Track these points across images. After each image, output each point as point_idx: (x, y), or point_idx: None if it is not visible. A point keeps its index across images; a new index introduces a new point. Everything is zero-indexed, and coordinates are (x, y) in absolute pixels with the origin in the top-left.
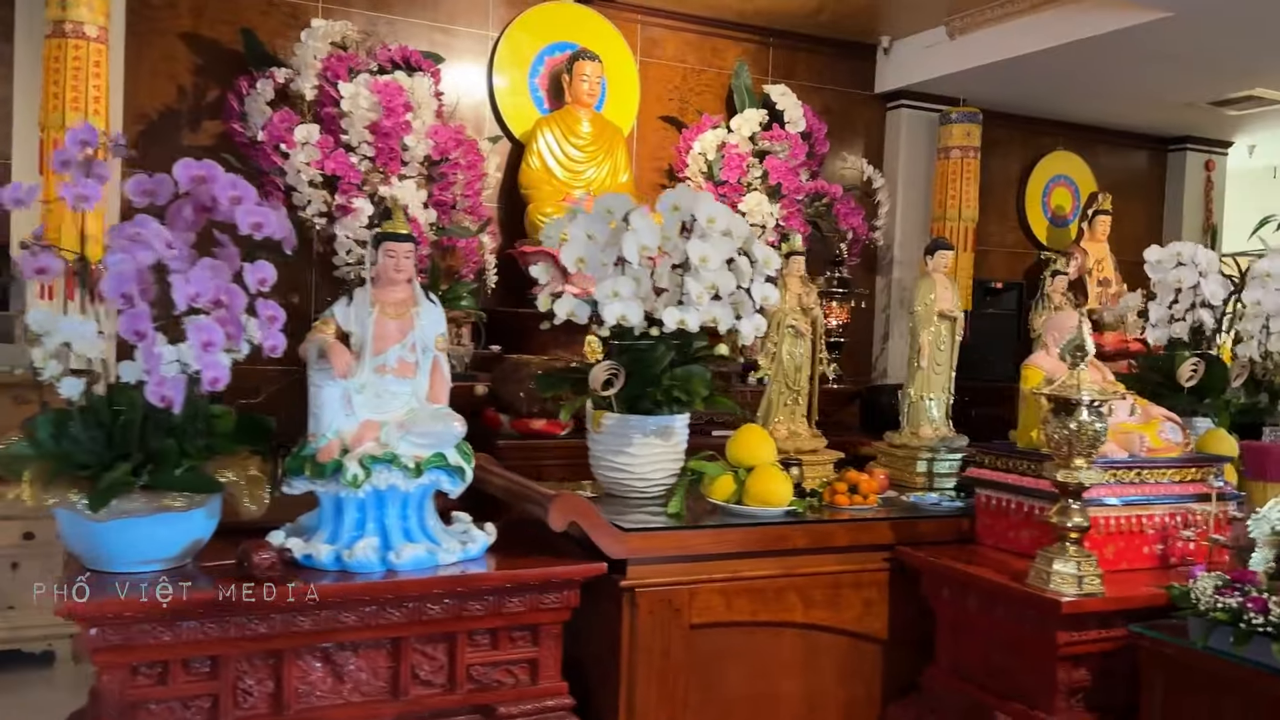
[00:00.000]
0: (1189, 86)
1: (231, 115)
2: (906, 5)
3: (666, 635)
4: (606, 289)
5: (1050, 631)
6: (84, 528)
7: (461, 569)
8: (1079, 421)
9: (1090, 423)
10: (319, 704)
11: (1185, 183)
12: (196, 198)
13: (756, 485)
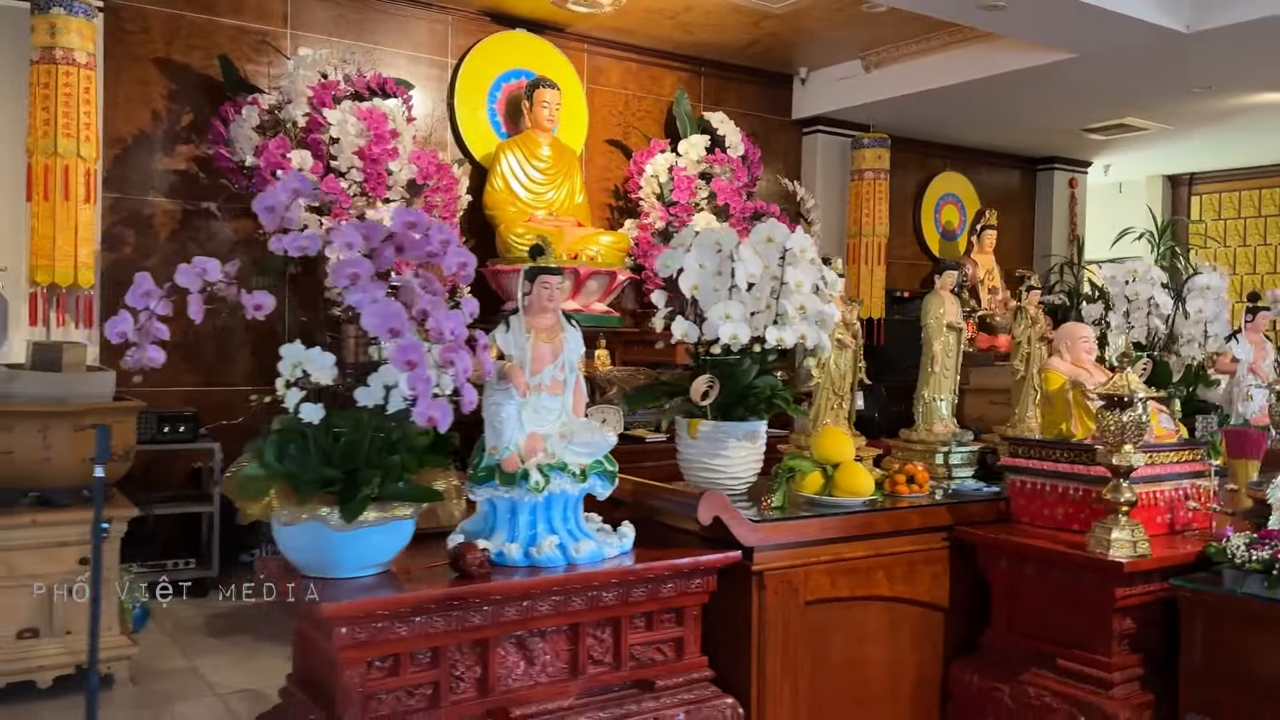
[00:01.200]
0: (1071, 116)
1: (217, 140)
2: (827, 40)
3: (786, 611)
4: (719, 312)
5: (1109, 589)
6: (321, 537)
7: (619, 561)
8: (1130, 415)
9: (1138, 416)
10: (515, 686)
11: (1053, 198)
12: (401, 240)
13: (845, 479)
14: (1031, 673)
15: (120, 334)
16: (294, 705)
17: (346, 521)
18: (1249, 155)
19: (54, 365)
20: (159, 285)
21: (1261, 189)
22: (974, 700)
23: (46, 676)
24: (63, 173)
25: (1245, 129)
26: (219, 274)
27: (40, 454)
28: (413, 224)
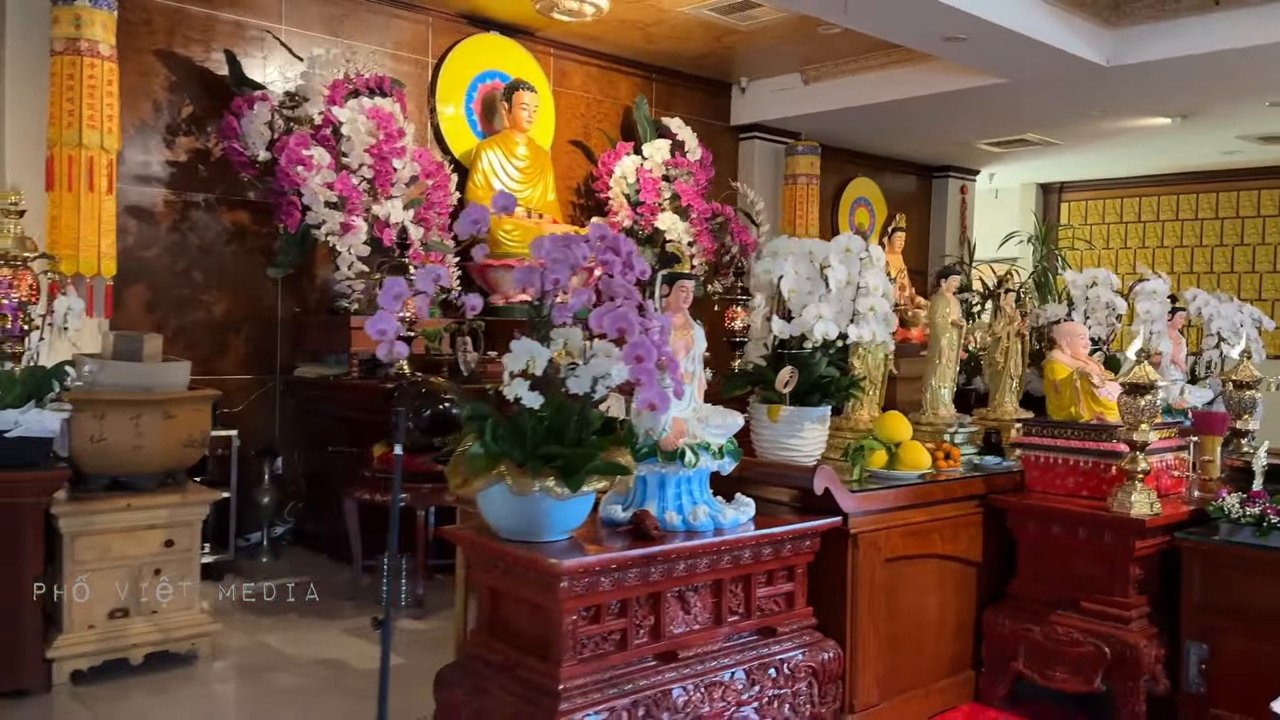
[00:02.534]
0: (982, 131)
1: (230, 134)
2: (773, 54)
3: (872, 568)
4: (813, 312)
5: (1130, 541)
6: (531, 506)
7: (748, 527)
8: (1147, 400)
9: (1153, 400)
10: (677, 633)
11: (947, 203)
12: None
13: (907, 455)
14: (1058, 614)
15: (381, 331)
16: (490, 651)
17: (572, 491)
18: (1112, 168)
19: (135, 355)
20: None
21: (1123, 198)
22: (1007, 639)
23: (138, 654)
24: (87, 164)
25: (1116, 145)
26: (447, 279)
27: (132, 441)
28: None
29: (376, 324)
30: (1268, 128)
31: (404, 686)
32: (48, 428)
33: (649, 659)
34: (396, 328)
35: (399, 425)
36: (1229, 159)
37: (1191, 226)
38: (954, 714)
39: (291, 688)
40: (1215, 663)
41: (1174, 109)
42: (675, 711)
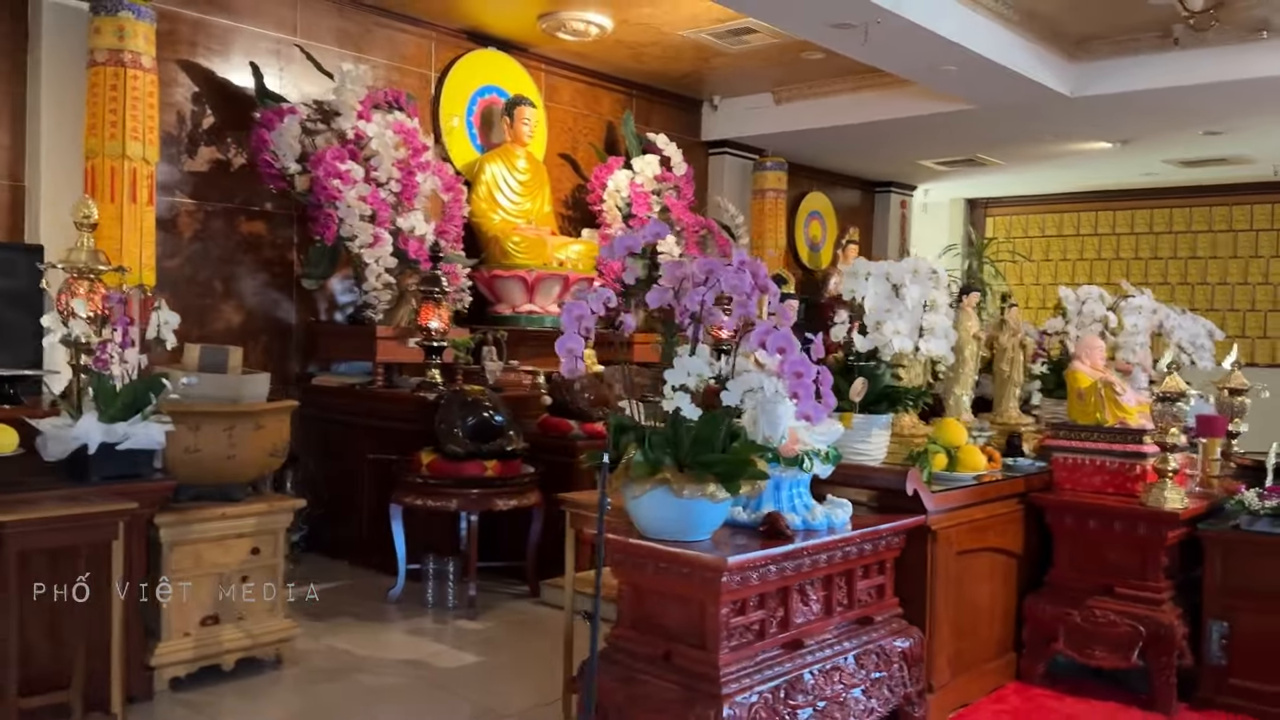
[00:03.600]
0: (936, 152)
1: (261, 147)
2: (750, 75)
3: (947, 560)
4: (891, 328)
5: (1163, 532)
6: (687, 508)
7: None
8: (1178, 407)
9: (1183, 406)
10: (799, 623)
11: (888, 216)
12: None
13: (966, 458)
14: (1094, 599)
15: (570, 350)
16: (636, 642)
17: (731, 495)
18: (1035, 185)
19: (221, 367)
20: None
21: (1044, 214)
22: (1047, 623)
23: (229, 660)
24: (130, 175)
25: (1048, 165)
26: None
27: (225, 452)
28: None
29: (566, 343)
30: (1194, 153)
31: (501, 681)
32: (155, 440)
33: (779, 648)
34: (582, 346)
35: (612, 434)
36: (1148, 179)
37: (1109, 241)
38: (1004, 690)
39: (387, 687)
40: (1234, 638)
41: (1119, 135)
42: (806, 694)
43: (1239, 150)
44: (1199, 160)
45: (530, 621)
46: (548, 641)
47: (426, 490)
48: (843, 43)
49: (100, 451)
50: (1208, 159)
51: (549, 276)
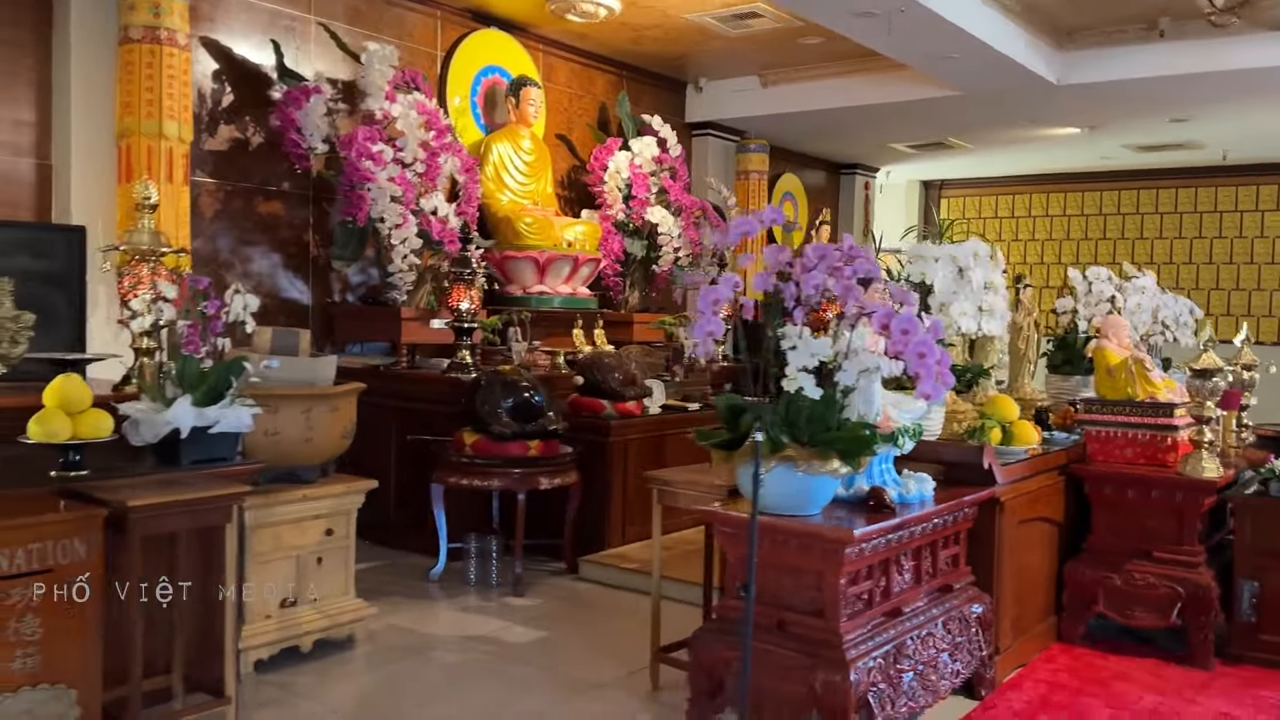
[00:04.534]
0: (910, 135)
1: (288, 127)
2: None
3: (1011, 530)
4: (958, 309)
5: (1199, 500)
6: (807, 483)
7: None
8: (1213, 382)
9: (1217, 383)
10: (896, 592)
11: (853, 197)
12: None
13: (1020, 432)
14: (1133, 563)
15: (710, 333)
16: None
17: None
18: (990, 168)
19: (293, 350)
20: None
21: (997, 195)
22: (1087, 586)
23: (308, 641)
24: (166, 155)
25: (1008, 150)
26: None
27: (304, 434)
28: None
29: (705, 326)
30: (1154, 139)
31: (575, 654)
32: (244, 423)
33: (882, 616)
34: (721, 329)
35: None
36: (1102, 163)
37: (1060, 222)
38: (1051, 651)
39: (467, 663)
40: (1264, 596)
41: (1090, 121)
42: (909, 658)
43: (1195, 136)
44: (1155, 145)
45: (578, 597)
46: (602, 615)
47: (473, 470)
48: (864, 31)
49: (191, 435)
50: (1164, 144)
51: (560, 257)
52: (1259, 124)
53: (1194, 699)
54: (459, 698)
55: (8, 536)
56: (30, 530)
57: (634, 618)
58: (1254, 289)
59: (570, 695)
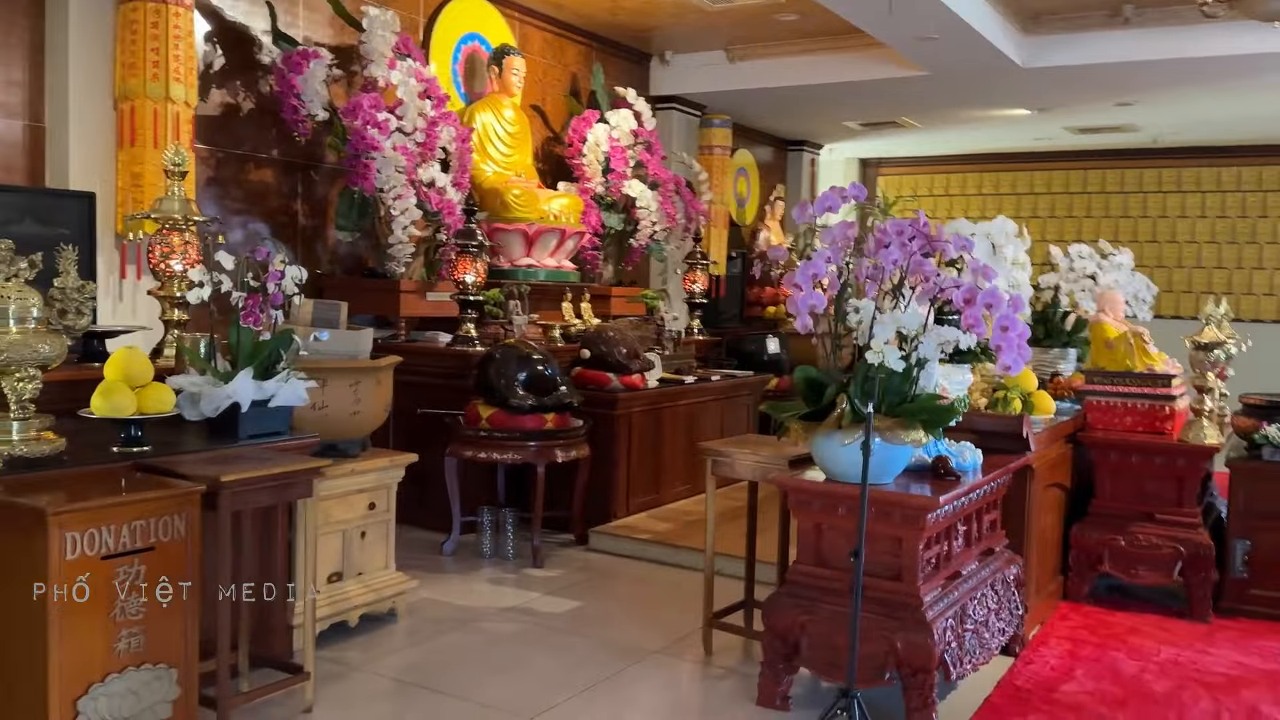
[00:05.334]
0: (865, 114)
1: (288, 92)
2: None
3: (1038, 494)
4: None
5: (1199, 464)
6: (887, 453)
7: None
8: (1214, 355)
9: (1220, 355)
10: (953, 555)
11: (800, 174)
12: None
13: (1040, 402)
14: (1136, 526)
15: (813, 306)
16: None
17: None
18: (926, 147)
19: (334, 322)
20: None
21: (932, 174)
22: (1093, 548)
23: (354, 616)
24: (173, 119)
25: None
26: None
27: (351, 407)
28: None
29: (808, 300)
30: (1093, 121)
31: (615, 622)
32: (299, 397)
33: (945, 579)
34: (824, 302)
35: (872, 388)
36: (1038, 144)
37: (994, 201)
38: (1062, 609)
39: (513, 633)
40: (1255, 554)
41: (1041, 104)
42: (970, 619)
43: (1133, 120)
44: (1092, 128)
45: (595, 568)
46: (625, 585)
47: (491, 443)
48: (863, 10)
49: (250, 409)
50: (1101, 127)
51: (548, 230)
52: (1196, 110)
53: (1205, 650)
54: (518, 668)
55: (114, 513)
56: (135, 507)
57: (657, 586)
58: (1175, 266)
59: (626, 663)
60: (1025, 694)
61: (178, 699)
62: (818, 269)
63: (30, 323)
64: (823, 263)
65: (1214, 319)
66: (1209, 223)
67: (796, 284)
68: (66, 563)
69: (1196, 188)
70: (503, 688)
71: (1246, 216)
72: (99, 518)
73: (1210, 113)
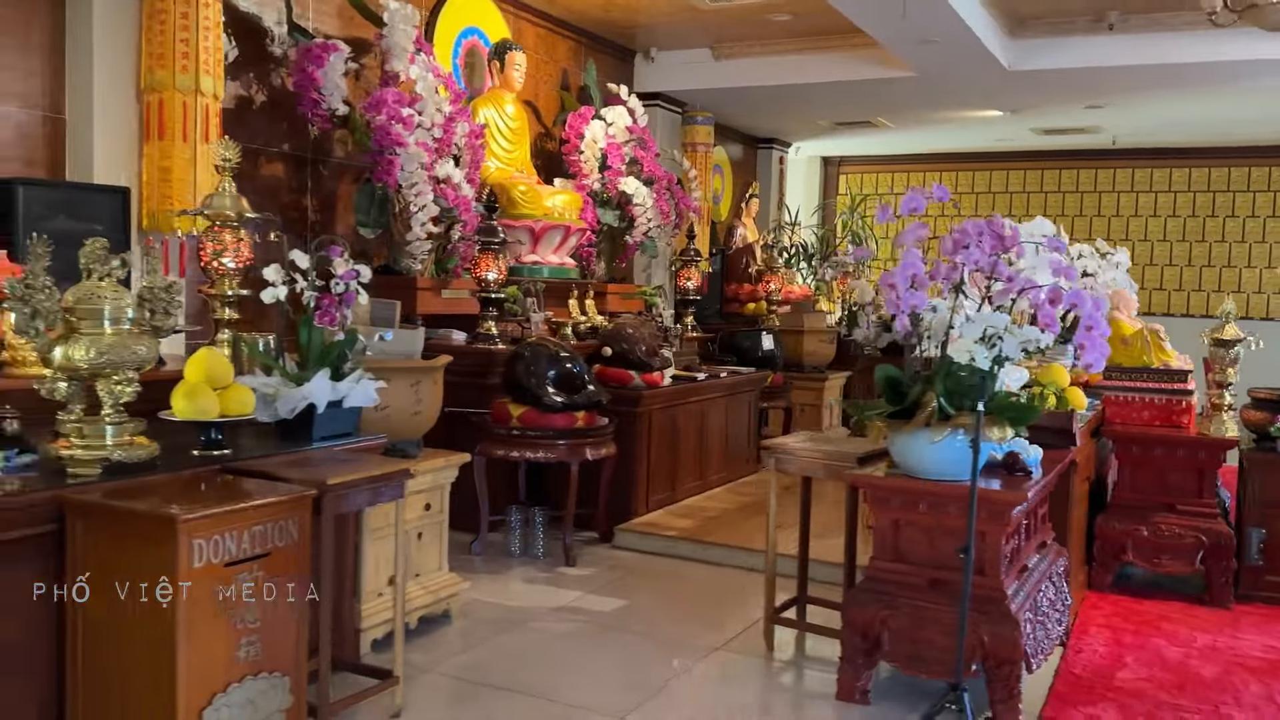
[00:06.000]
0: (842, 114)
1: (309, 86)
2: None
3: (1078, 485)
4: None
5: (1218, 456)
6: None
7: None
8: (1232, 351)
9: (1237, 352)
10: (1021, 549)
11: (770, 171)
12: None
13: (1074, 398)
14: (1158, 516)
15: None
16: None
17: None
18: (886, 146)
19: (390, 321)
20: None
21: (893, 173)
22: (1116, 538)
23: (414, 618)
24: (203, 111)
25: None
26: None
27: (412, 407)
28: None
29: (908, 300)
30: (1060, 123)
31: (667, 620)
32: (370, 397)
33: (1018, 573)
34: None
35: (980, 390)
36: (1000, 144)
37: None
38: (1090, 599)
39: (571, 632)
40: (1270, 541)
41: (1014, 105)
42: (1037, 610)
43: (1098, 122)
44: (1055, 129)
45: (626, 565)
46: (663, 582)
47: (524, 442)
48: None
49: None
50: (1065, 128)
51: (553, 227)
52: (1162, 113)
53: (1236, 635)
54: (587, 667)
55: (236, 519)
56: (255, 512)
57: (694, 583)
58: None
59: (692, 660)
60: (1086, 683)
61: (290, 707)
62: (915, 269)
63: (125, 324)
64: (919, 263)
65: (1231, 316)
66: (1163, 221)
67: (892, 284)
68: (194, 570)
69: (1149, 187)
70: (581, 688)
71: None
72: (223, 524)
73: (1175, 115)
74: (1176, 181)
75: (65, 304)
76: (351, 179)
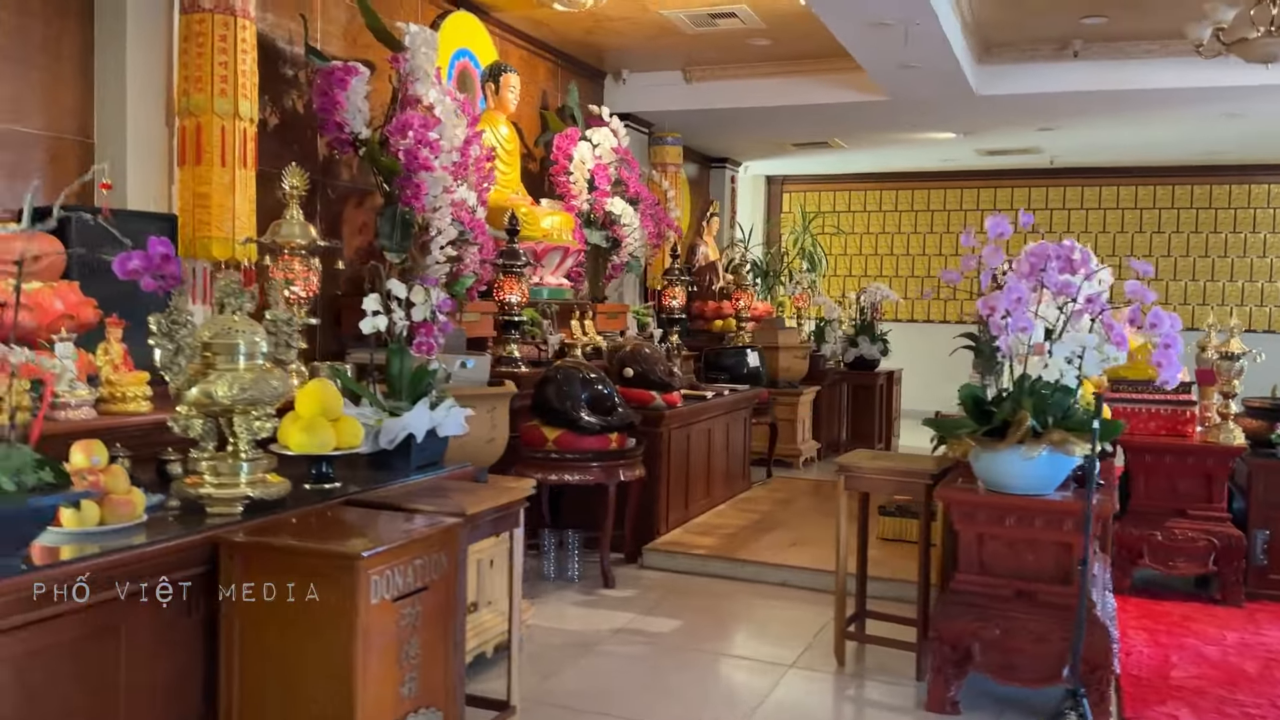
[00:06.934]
0: (804, 135)
1: (332, 109)
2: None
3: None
4: None
5: (1228, 463)
6: (1059, 464)
7: None
8: (1237, 364)
9: (1242, 366)
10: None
11: (723, 190)
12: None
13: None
14: (1170, 521)
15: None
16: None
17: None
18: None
19: (460, 348)
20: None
21: (835, 191)
22: (1131, 544)
23: (490, 647)
24: (240, 136)
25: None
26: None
27: (488, 434)
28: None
29: (1018, 323)
30: (1005, 144)
31: (728, 638)
32: (459, 426)
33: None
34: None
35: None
36: (944, 164)
37: (893, 217)
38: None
39: (641, 655)
40: (1273, 542)
41: (970, 128)
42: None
43: (1041, 143)
44: (998, 150)
45: (663, 585)
46: (707, 600)
47: (562, 465)
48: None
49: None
50: (1008, 149)
51: (553, 248)
52: (1102, 135)
53: (1258, 632)
54: (676, 689)
55: (401, 553)
56: (418, 545)
57: (738, 600)
58: None
59: (773, 678)
60: (1147, 683)
61: None
62: (1020, 292)
63: (258, 358)
64: (1024, 286)
65: (1237, 330)
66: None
67: (993, 306)
68: (372, 608)
69: (1080, 204)
70: (678, 712)
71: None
72: (392, 558)
73: (1115, 138)
74: (1107, 199)
75: (202, 339)
76: (357, 202)
